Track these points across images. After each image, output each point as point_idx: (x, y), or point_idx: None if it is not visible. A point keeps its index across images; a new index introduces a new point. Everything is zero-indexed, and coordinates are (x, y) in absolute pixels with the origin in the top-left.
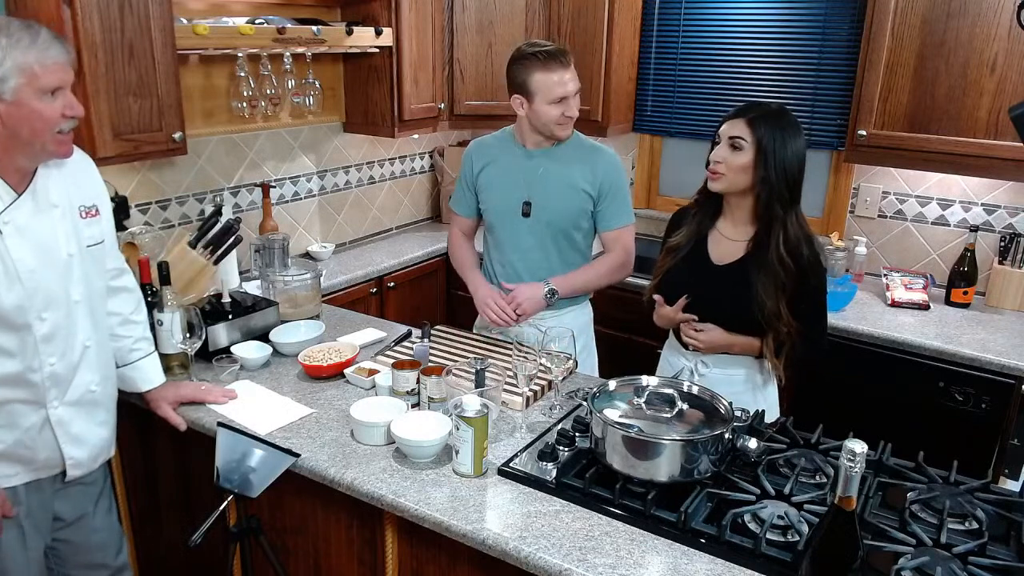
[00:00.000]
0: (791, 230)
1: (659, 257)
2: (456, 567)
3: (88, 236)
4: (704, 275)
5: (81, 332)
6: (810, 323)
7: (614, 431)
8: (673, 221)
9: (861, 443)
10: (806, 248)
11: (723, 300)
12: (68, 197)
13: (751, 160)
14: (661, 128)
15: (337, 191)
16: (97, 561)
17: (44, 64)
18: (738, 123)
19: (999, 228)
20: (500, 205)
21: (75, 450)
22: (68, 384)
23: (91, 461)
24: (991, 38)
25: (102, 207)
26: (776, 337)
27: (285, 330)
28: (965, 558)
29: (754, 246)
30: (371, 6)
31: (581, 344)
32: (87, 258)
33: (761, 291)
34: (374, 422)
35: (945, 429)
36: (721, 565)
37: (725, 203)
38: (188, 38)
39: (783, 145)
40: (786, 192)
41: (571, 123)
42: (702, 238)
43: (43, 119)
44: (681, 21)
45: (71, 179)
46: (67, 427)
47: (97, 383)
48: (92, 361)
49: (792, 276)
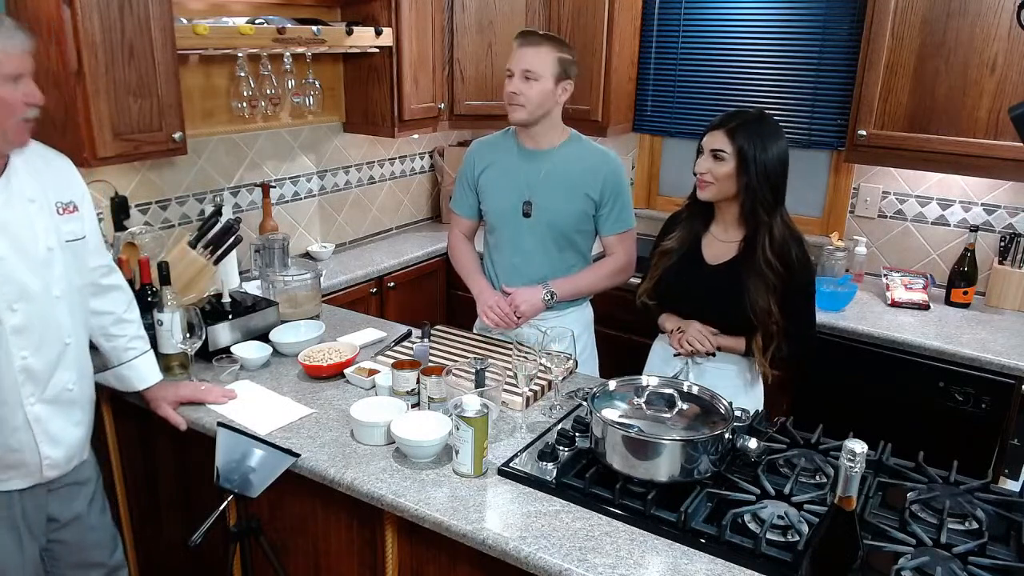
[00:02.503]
0: (776, 233)
1: (652, 259)
2: (456, 567)
3: (67, 232)
4: (698, 275)
5: (62, 329)
6: (799, 321)
7: (614, 431)
8: (667, 225)
9: (861, 443)
10: (795, 248)
11: (717, 298)
12: (44, 193)
13: (733, 169)
14: (661, 128)
15: (337, 191)
16: (92, 560)
17: (7, 51)
18: (717, 135)
19: (999, 228)
20: (501, 205)
21: (52, 450)
22: (46, 381)
23: (66, 462)
24: (991, 38)
25: (81, 205)
26: (766, 335)
27: (285, 330)
28: (965, 558)
29: (745, 247)
30: (371, 6)
31: (581, 344)
32: (67, 254)
33: (752, 290)
34: (374, 422)
35: (945, 429)
36: (721, 565)
37: (716, 207)
38: (188, 38)
39: (763, 151)
40: (769, 195)
41: (516, 107)
42: (696, 240)
43: (6, 105)
44: (681, 21)
45: (47, 177)
46: (44, 425)
47: (74, 382)
48: (71, 359)
49: (780, 277)
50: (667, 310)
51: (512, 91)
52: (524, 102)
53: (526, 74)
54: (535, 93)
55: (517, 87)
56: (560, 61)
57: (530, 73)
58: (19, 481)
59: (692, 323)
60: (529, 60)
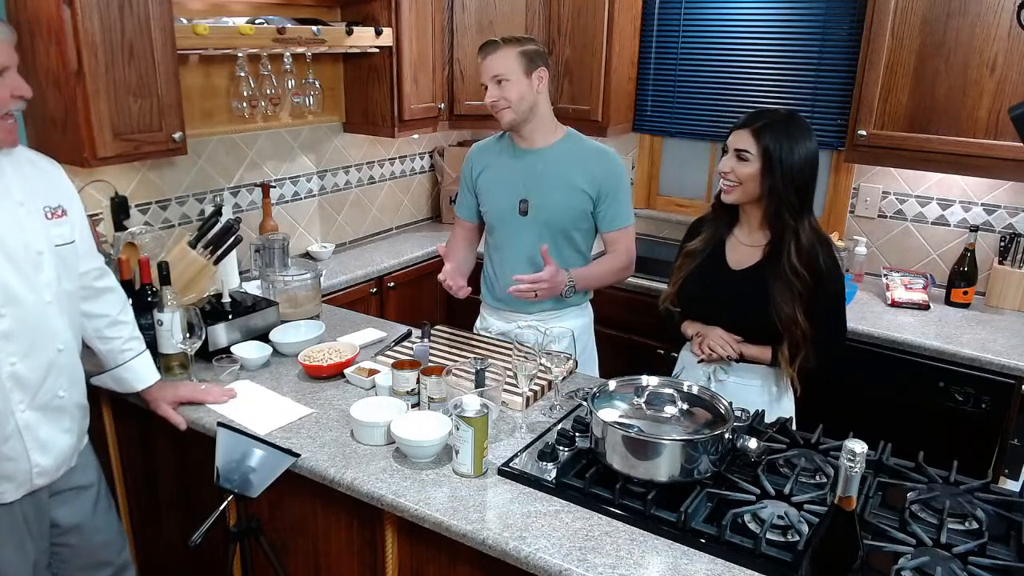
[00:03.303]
0: (804, 238)
1: (676, 261)
2: (456, 567)
3: (57, 235)
4: (722, 279)
5: (55, 335)
6: (827, 329)
7: (614, 431)
8: (692, 228)
9: (861, 443)
10: (823, 254)
11: (741, 304)
12: (32, 197)
13: (758, 170)
14: (661, 128)
15: (337, 191)
16: (101, 559)
17: None
18: (743, 134)
19: (999, 228)
20: (498, 205)
21: (42, 457)
22: (36, 388)
23: (55, 469)
24: (991, 38)
25: (70, 209)
26: (792, 344)
27: (285, 330)
28: (965, 558)
29: (770, 251)
30: (371, 6)
31: (581, 345)
32: (57, 258)
33: (778, 296)
34: (374, 422)
35: (945, 429)
36: (721, 565)
37: (740, 210)
38: (188, 38)
39: (790, 153)
40: (795, 199)
41: (501, 112)
42: (720, 244)
43: None
44: (681, 21)
45: (36, 180)
46: (35, 432)
47: (65, 388)
48: (63, 366)
49: (807, 284)
50: (690, 316)
51: (491, 100)
52: (506, 104)
53: (497, 79)
54: (512, 93)
55: (494, 94)
56: (523, 55)
57: (499, 76)
58: (11, 492)
59: (714, 328)
60: (494, 66)
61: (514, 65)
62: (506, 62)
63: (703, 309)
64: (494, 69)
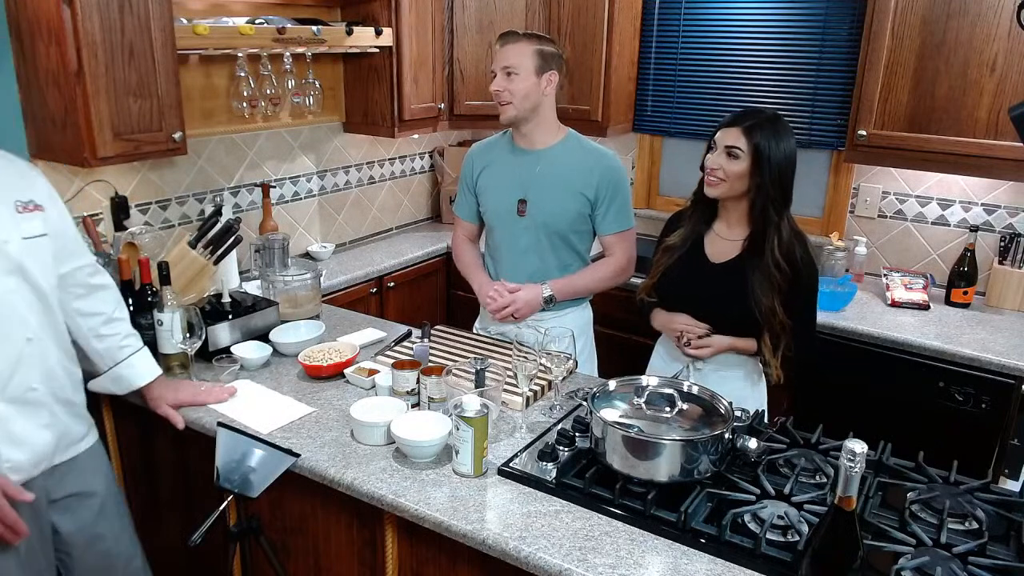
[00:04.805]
0: (784, 234)
1: (655, 256)
2: (456, 567)
3: (27, 228)
4: (701, 273)
5: (23, 324)
6: (802, 321)
7: (614, 431)
8: (669, 223)
9: (861, 443)
10: (799, 248)
11: (720, 297)
12: (2, 191)
13: (747, 168)
14: (661, 128)
15: (337, 191)
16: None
17: None
18: (733, 131)
19: (999, 228)
20: (497, 205)
21: (14, 452)
22: (6, 380)
23: (32, 466)
24: (991, 38)
25: (48, 206)
26: (772, 335)
27: (285, 330)
28: (965, 558)
29: (750, 245)
30: (371, 6)
31: (581, 344)
32: (24, 250)
33: (757, 289)
34: (374, 422)
35: (945, 429)
36: (721, 565)
37: (720, 206)
38: (188, 38)
39: (777, 151)
40: (780, 196)
41: (503, 106)
42: (699, 238)
43: None
44: (681, 21)
45: (7, 176)
46: (7, 425)
47: (38, 382)
48: (35, 358)
49: (787, 278)
50: (668, 308)
51: (496, 89)
52: (509, 98)
53: (507, 70)
54: (518, 88)
55: (500, 84)
56: (539, 53)
57: (510, 68)
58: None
59: (679, 315)
60: (508, 57)
61: (527, 61)
62: (519, 56)
63: (682, 302)
64: (506, 60)
